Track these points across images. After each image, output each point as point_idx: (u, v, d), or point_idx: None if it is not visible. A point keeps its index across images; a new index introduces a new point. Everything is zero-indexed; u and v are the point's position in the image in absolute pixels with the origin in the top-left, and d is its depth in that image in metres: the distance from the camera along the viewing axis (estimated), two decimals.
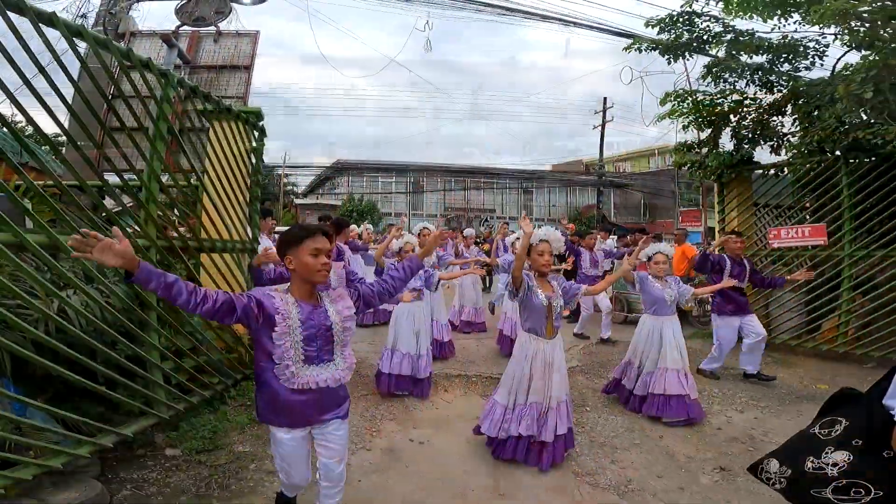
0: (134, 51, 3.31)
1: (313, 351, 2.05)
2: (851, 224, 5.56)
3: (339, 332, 2.11)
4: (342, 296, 2.18)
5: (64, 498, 2.44)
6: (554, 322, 3.24)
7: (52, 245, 2.62)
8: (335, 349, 2.11)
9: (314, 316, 2.06)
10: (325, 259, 2.05)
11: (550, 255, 3.23)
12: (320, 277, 2.06)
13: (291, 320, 2.00)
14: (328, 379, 2.07)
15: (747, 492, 2.91)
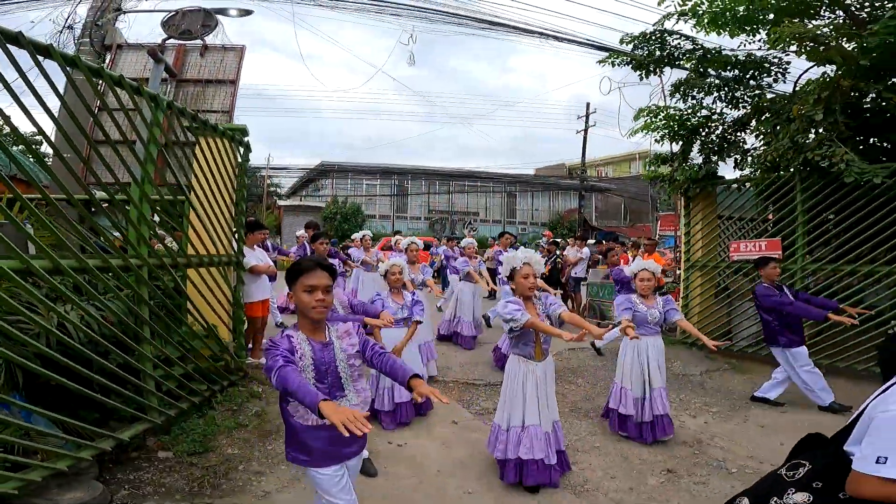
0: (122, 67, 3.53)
1: (325, 388, 2.04)
2: (804, 239, 5.97)
3: (345, 368, 2.10)
4: (349, 332, 2.16)
5: (70, 498, 2.66)
6: (542, 344, 3.27)
7: (55, 268, 2.84)
8: (345, 385, 2.11)
9: (325, 353, 2.06)
10: (320, 295, 2.00)
11: (535, 278, 3.24)
12: (315, 315, 2.02)
13: (306, 359, 2.01)
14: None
15: (688, 492, 3.22)
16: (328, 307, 2.04)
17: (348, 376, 2.12)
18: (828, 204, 5.77)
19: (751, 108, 6.90)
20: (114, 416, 3.44)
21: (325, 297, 2.02)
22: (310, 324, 2.07)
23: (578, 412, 4.74)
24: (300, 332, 2.06)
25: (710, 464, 3.65)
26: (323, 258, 2.13)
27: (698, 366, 6.33)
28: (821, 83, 5.69)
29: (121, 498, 2.88)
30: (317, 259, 2.09)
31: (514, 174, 32.01)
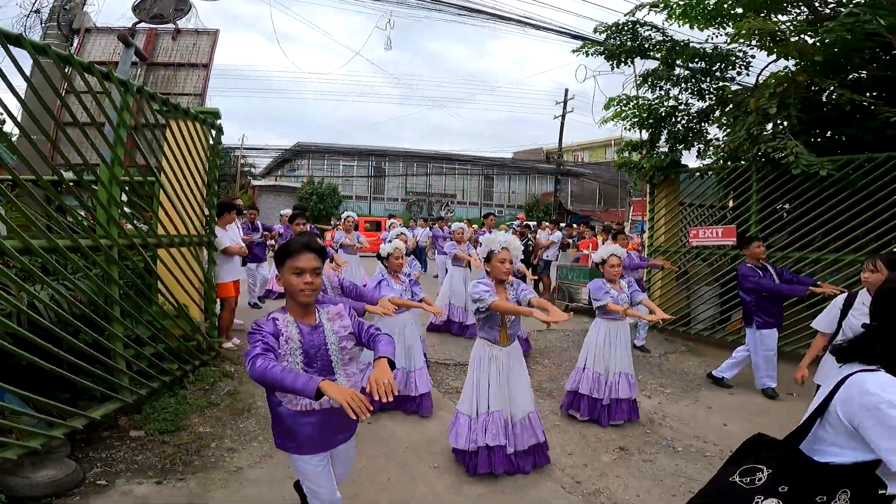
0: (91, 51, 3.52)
1: (314, 372, 1.98)
2: (757, 227, 6.29)
3: (336, 352, 2.06)
4: (340, 315, 2.12)
5: (44, 475, 2.74)
6: (508, 329, 3.23)
7: (25, 248, 2.88)
8: (336, 368, 2.06)
9: (314, 337, 2.02)
10: (308, 278, 1.97)
11: (511, 263, 3.19)
12: (303, 298, 1.98)
13: (293, 342, 1.97)
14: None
15: (637, 469, 3.46)
16: (316, 290, 2.00)
17: (339, 360, 2.07)
18: (781, 193, 6.06)
19: (715, 99, 7.14)
20: (83, 396, 3.50)
21: (313, 279, 1.97)
22: (299, 307, 2.03)
23: (542, 392, 4.97)
24: (288, 314, 2.03)
25: (660, 443, 3.90)
26: (312, 240, 2.06)
27: (657, 348, 6.64)
28: (778, 78, 5.92)
29: (93, 475, 2.97)
30: (306, 241, 2.02)
31: (492, 157, 32.16)
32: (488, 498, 2.96)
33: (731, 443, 3.84)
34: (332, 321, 2.09)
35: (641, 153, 7.81)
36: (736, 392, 5.16)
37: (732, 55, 7.11)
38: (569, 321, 3.54)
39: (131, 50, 5.32)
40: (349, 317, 2.13)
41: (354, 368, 2.14)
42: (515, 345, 3.35)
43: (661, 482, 3.24)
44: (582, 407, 4.24)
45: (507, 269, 3.17)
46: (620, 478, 3.31)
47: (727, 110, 7.02)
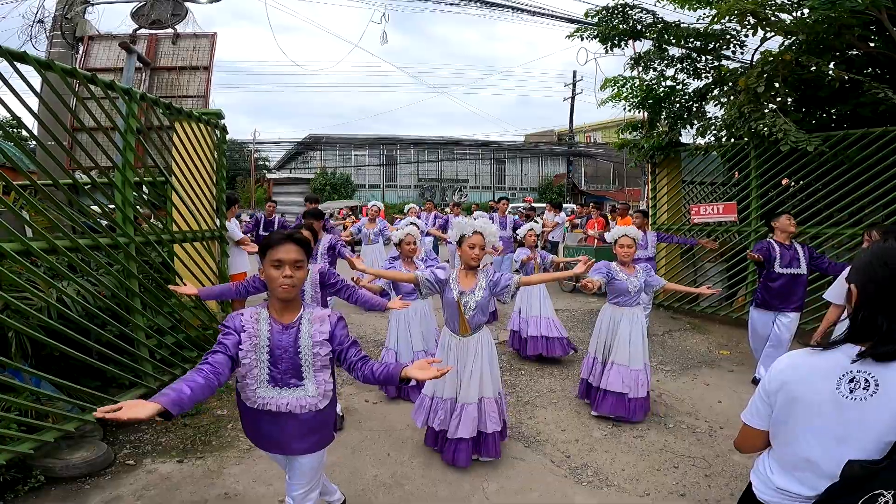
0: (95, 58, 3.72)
1: (278, 374, 1.90)
2: (758, 203, 6.32)
3: (308, 356, 1.92)
4: (322, 319, 1.96)
5: (79, 457, 3.03)
6: (469, 319, 3.07)
7: (51, 248, 3.16)
8: (305, 373, 1.93)
9: (284, 337, 1.91)
10: (287, 271, 1.85)
11: (482, 249, 3.02)
12: (281, 293, 1.87)
13: (259, 338, 1.89)
14: (291, 403, 1.91)
15: (626, 444, 3.57)
16: (296, 284, 1.89)
17: (310, 364, 1.92)
18: (780, 169, 6.08)
19: (712, 78, 7.12)
20: (113, 385, 3.81)
21: (293, 272, 1.86)
22: (277, 302, 1.93)
23: (543, 370, 5.14)
24: (265, 310, 1.94)
25: (652, 419, 4.02)
26: (297, 231, 1.97)
27: (662, 326, 6.76)
28: (765, 57, 5.92)
29: (123, 456, 3.27)
30: (290, 232, 1.93)
31: (503, 141, 32.00)
32: (478, 470, 3.16)
33: (721, 419, 3.98)
34: (313, 324, 1.94)
35: (641, 133, 7.84)
36: (736, 370, 5.26)
37: (727, 34, 7.06)
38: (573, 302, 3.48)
39: (133, 57, 5.55)
40: (330, 323, 1.96)
41: (327, 376, 1.98)
42: (480, 334, 3.15)
43: (647, 457, 3.40)
44: (580, 389, 4.27)
45: (477, 255, 3.01)
46: (609, 452, 3.47)
47: (725, 89, 6.99)
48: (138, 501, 2.76)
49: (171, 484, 2.94)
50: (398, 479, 3.05)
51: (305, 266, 1.94)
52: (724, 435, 3.71)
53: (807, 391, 1.33)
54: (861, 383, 1.25)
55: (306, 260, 1.94)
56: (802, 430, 1.34)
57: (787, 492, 1.39)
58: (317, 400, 1.95)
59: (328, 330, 1.94)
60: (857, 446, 1.26)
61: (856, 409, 1.25)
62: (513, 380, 4.86)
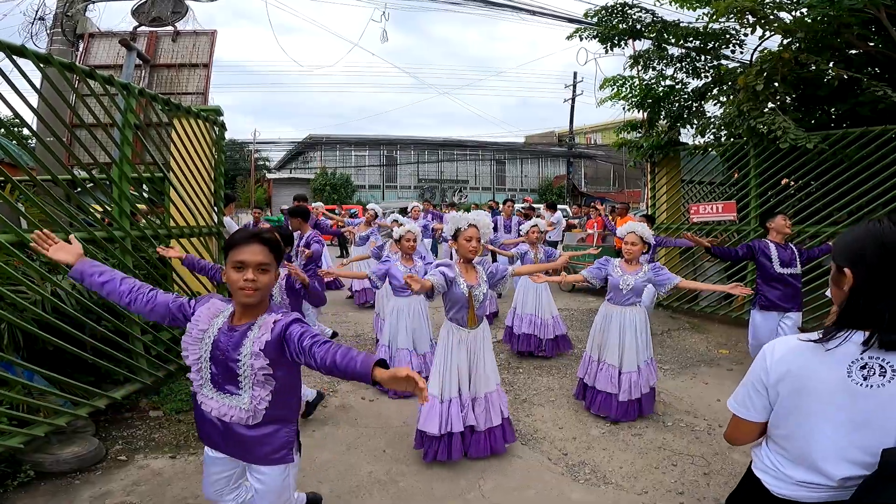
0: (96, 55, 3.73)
1: (217, 374, 1.76)
2: (757, 202, 6.30)
3: (245, 367, 1.71)
4: (265, 327, 1.73)
5: (70, 452, 3.00)
6: (476, 310, 3.14)
7: None
8: (243, 384, 1.74)
9: (226, 339, 1.74)
10: (250, 275, 1.68)
11: (478, 242, 3.05)
12: (242, 297, 1.71)
13: (208, 333, 1.76)
14: (218, 410, 1.77)
15: (624, 442, 3.54)
16: (261, 289, 1.71)
17: (248, 377, 1.72)
18: (779, 168, 6.05)
19: (711, 78, 7.11)
20: (108, 380, 3.77)
21: (256, 277, 1.69)
22: (238, 306, 1.78)
23: (542, 369, 5.11)
24: (228, 307, 1.83)
25: (651, 417, 3.99)
26: (265, 230, 1.81)
27: (661, 325, 6.73)
28: (764, 55, 5.90)
29: (115, 452, 3.23)
30: (257, 231, 1.76)
31: (503, 142, 31.99)
32: (474, 467, 3.13)
33: (720, 418, 3.95)
34: (261, 333, 1.72)
35: (640, 132, 7.83)
36: (735, 368, 5.23)
37: (727, 33, 7.04)
38: (572, 301, 3.46)
39: (133, 53, 5.54)
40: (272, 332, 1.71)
41: (265, 394, 1.75)
42: (484, 325, 3.24)
43: (645, 455, 3.37)
44: (577, 388, 4.26)
45: (474, 247, 3.05)
46: (606, 450, 3.43)
47: (724, 88, 6.98)
48: (128, 497, 2.72)
49: (162, 480, 2.91)
50: (393, 476, 3.01)
51: (273, 270, 1.76)
52: (723, 433, 3.68)
53: (814, 380, 1.27)
54: (875, 370, 1.20)
55: (275, 263, 1.77)
56: (815, 421, 1.28)
57: (810, 483, 1.32)
58: (247, 415, 1.75)
59: (266, 340, 1.70)
60: (880, 433, 1.21)
61: (873, 396, 1.20)
62: (511, 378, 4.83)
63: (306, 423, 3.77)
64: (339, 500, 2.75)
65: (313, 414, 3.88)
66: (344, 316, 7.20)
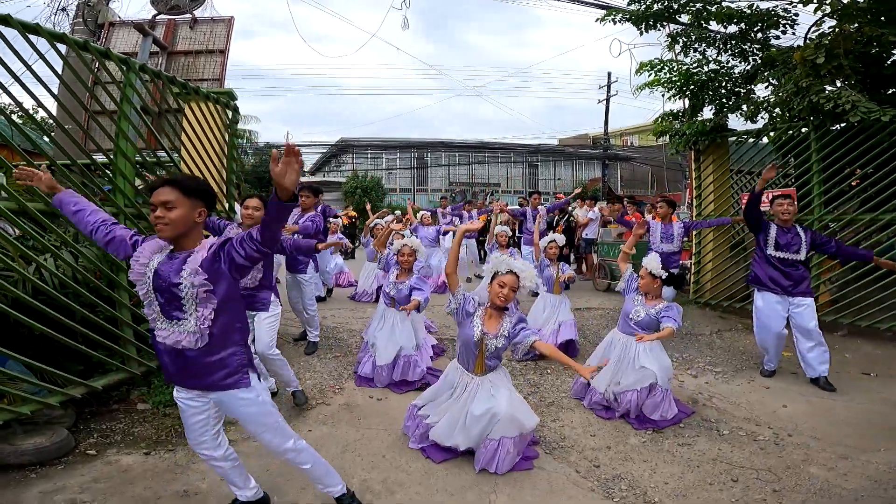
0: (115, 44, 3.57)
1: (163, 302, 1.91)
2: (820, 188, 5.57)
3: (186, 287, 1.87)
4: (202, 248, 1.93)
5: (32, 443, 2.69)
6: (487, 360, 2.81)
7: (21, 211, 2.90)
8: (186, 306, 1.90)
9: (166, 267, 1.91)
10: (159, 212, 1.87)
11: (513, 292, 2.76)
12: (157, 232, 1.92)
13: (149, 266, 1.91)
14: (171, 337, 1.91)
15: (669, 453, 3.02)
16: (170, 224, 1.87)
17: (190, 297, 1.87)
18: (843, 153, 5.34)
19: (760, 60, 6.42)
20: (99, 370, 3.48)
21: (164, 213, 1.86)
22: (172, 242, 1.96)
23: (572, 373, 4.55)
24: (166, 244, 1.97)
25: (701, 425, 3.42)
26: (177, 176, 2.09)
27: (709, 325, 6.06)
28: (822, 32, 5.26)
29: (86, 445, 2.91)
30: (165, 178, 1.96)
31: (535, 144, 31.30)
32: (488, 479, 2.65)
33: (789, 426, 3.33)
34: (194, 255, 1.90)
35: (683, 120, 7.18)
36: (800, 372, 4.50)
37: (774, 14, 6.35)
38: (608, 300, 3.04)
39: (149, 39, 5.42)
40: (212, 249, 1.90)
41: (208, 313, 1.90)
42: (492, 376, 2.85)
43: (696, 468, 2.81)
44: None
45: (506, 295, 2.74)
46: (648, 462, 2.89)
47: (776, 69, 6.28)
48: (81, 494, 2.37)
49: (126, 477, 2.55)
50: (389, 486, 2.56)
51: (182, 207, 1.89)
52: (795, 443, 3.07)
53: None
54: None
55: (187, 201, 1.90)
56: None
57: None
58: (195, 337, 1.91)
59: (202, 257, 1.89)
60: None
61: None
62: (537, 379, 4.32)
63: (302, 421, 3.37)
64: None
65: (312, 413, 3.48)
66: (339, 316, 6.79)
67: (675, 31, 6.83)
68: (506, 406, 2.71)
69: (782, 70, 5.82)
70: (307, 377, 4.18)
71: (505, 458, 2.70)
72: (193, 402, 2.05)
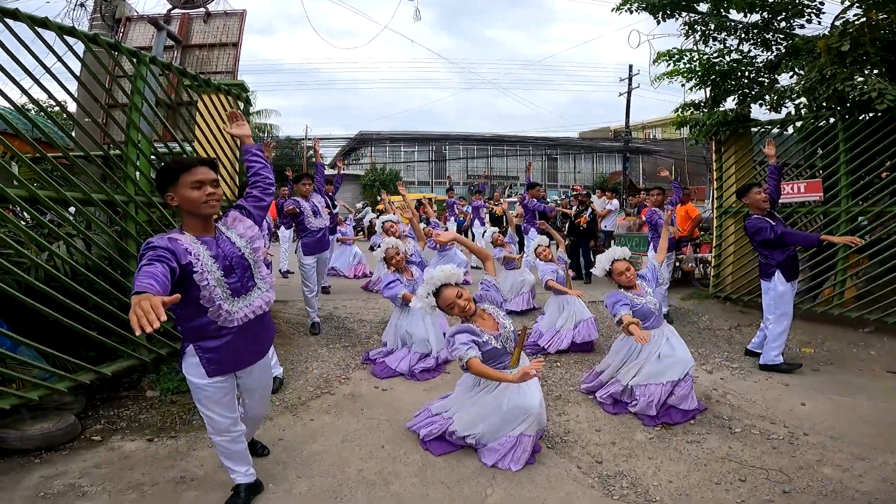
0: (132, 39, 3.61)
1: (235, 282, 1.97)
2: (848, 179, 5.32)
3: (250, 254, 2.04)
4: (238, 218, 2.10)
5: (38, 428, 2.74)
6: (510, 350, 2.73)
7: (31, 198, 2.93)
8: (255, 272, 2.05)
9: (221, 246, 1.98)
10: (210, 189, 1.93)
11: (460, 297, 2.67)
12: (208, 209, 1.95)
13: (203, 259, 1.89)
14: (262, 304, 2.05)
15: (676, 451, 2.90)
16: (218, 201, 1.97)
17: (255, 262, 2.06)
18: (872, 142, 5.09)
19: (784, 49, 6.17)
20: (112, 356, 3.53)
21: (214, 189, 1.95)
22: (199, 222, 1.98)
23: (583, 363, 4.48)
24: (187, 233, 1.95)
25: (713, 422, 3.29)
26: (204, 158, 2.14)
27: (728, 320, 5.87)
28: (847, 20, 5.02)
29: (92, 432, 2.96)
30: (197, 158, 2.12)
31: (555, 137, 30.91)
32: (485, 473, 2.60)
33: (805, 425, 3.19)
34: (234, 227, 2.08)
35: (704, 110, 6.96)
36: (822, 369, 4.35)
37: (799, 3, 6.08)
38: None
39: (163, 33, 5.48)
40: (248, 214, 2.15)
41: (266, 270, 2.14)
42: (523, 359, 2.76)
43: (703, 467, 2.71)
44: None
45: (464, 304, 2.64)
46: (653, 460, 2.79)
47: (800, 59, 6.02)
48: (80, 479, 2.41)
49: (126, 463, 2.58)
50: (385, 477, 2.53)
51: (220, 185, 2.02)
52: (810, 443, 2.94)
53: None
54: None
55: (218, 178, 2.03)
56: None
57: None
58: (270, 294, 2.12)
59: (252, 223, 2.12)
60: None
61: None
62: (546, 372, 4.23)
63: (305, 410, 3.38)
64: (315, 500, 2.31)
65: (316, 403, 3.50)
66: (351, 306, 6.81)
67: (692, 20, 6.60)
68: (538, 404, 2.65)
69: (807, 59, 5.59)
70: (314, 367, 4.19)
71: (521, 455, 2.63)
72: (226, 383, 2.08)
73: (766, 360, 4.29)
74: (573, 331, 4.82)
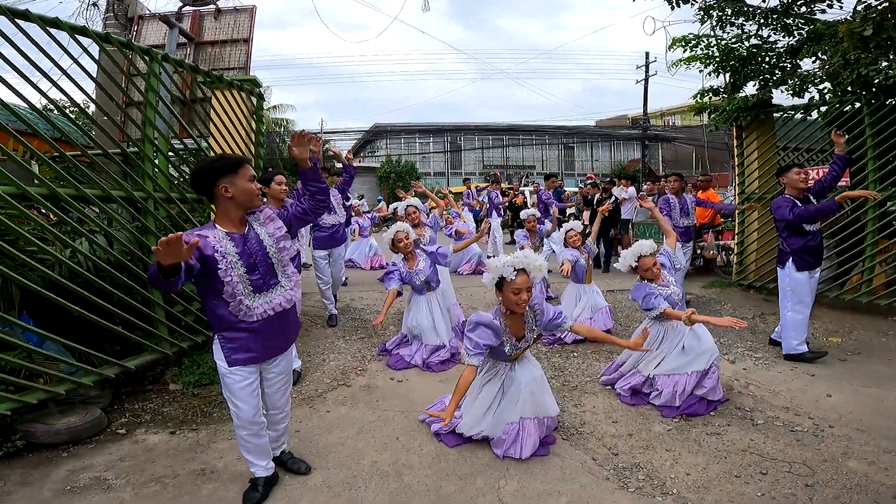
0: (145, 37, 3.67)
1: (258, 279, 2.05)
2: (874, 164, 5.14)
3: (275, 253, 2.11)
4: (271, 217, 2.18)
5: (65, 422, 2.82)
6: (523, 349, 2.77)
7: (52, 196, 2.99)
8: (277, 271, 2.13)
9: (248, 244, 2.06)
10: (258, 184, 2.14)
11: (528, 292, 2.51)
12: (258, 202, 2.13)
13: (230, 255, 1.98)
14: (282, 301, 2.11)
15: (695, 442, 2.85)
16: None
17: (279, 261, 2.13)
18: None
19: (806, 34, 5.98)
20: (136, 351, 3.61)
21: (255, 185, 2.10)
22: (236, 216, 2.07)
23: (600, 353, 4.43)
24: (218, 227, 2.02)
25: (734, 413, 3.23)
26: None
27: (752, 308, 5.74)
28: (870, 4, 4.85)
29: (119, 425, 3.04)
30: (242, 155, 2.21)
31: (571, 125, 30.47)
32: (499, 464, 2.61)
33: (831, 416, 3.11)
34: (265, 225, 2.15)
35: (723, 96, 6.78)
36: (850, 359, 4.22)
37: None
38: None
39: (175, 31, 5.55)
40: (278, 218, 2.21)
41: (292, 269, 2.21)
42: (526, 353, 2.81)
43: (723, 459, 2.66)
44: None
45: (525, 300, 2.50)
46: (671, 452, 2.75)
47: (822, 43, 5.82)
48: (105, 472, 2.48)
49: (150, 456, 2.65)
50: (399, 469, 2.56)
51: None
52: (836, 435, 2.87)
53: None
54: None
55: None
56: None
57: None
58: (296, 290, 2.20)
59: (282, 225, 2.18)
60: None
61: None
62: (562, 363, 4.22)
63: (322, 402, 3.42)
64: (330, 491, 2.34)
65: (333, 394, 3.53)
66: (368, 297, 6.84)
67: (708, 5, 6.42)
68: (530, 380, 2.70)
69: (829, 43, 5.41)
70: (331, 358, 4.24)
71: (526, 440, 2.63)
72: (248, 373, 2.12)
73: (788, 350, 4.19)
74: (589, 321, 4.78)
